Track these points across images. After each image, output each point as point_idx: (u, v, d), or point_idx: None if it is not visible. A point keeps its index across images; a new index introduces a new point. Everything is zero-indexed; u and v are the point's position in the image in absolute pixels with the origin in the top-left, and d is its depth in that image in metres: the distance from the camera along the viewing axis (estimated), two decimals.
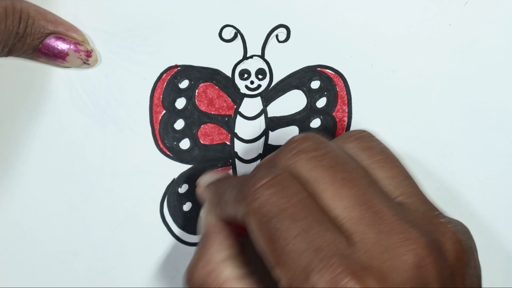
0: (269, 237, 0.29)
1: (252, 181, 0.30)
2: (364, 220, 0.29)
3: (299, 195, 0.30)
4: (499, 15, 0.39)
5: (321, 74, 0.40)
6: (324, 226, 0.29)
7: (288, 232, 0.29)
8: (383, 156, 0.33)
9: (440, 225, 0.31)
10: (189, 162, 0.40)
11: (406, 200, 0.32)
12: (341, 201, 0.30)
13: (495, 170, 0.41)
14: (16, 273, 0.40)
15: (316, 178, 0.30)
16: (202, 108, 0.40)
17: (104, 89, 0.40)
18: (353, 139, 0.33)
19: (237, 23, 0.39)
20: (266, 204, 0.29)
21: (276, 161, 0.32)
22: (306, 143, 0.31)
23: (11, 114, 0.40)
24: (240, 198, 0.31)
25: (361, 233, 0.29)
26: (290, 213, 0.29)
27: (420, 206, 0.32)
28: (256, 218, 0.29)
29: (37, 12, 0.37)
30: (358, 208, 0.29)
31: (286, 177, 0.30)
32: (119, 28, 0.39)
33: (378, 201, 0.30)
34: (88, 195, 0.40)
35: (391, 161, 0.33)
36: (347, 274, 0.27)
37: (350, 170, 0.31)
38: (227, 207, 0.33)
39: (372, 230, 0.29)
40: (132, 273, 0.41)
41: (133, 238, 0.40)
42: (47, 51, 0.37)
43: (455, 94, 0.40)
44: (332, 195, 0.30)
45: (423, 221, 0.31)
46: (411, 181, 0.33)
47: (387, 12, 0.39)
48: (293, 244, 0.28)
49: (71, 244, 0.40)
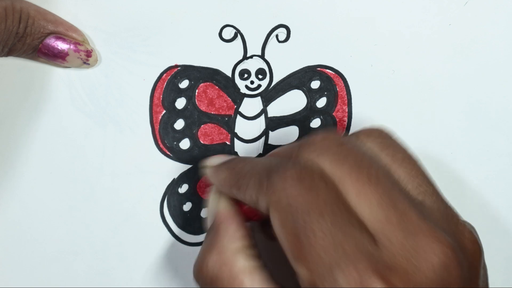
0: (295, 231, 0.28)
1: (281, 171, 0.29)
2: (390, 220, 0.29)
3: (327, 191, 0.29)
4: (499, 15, 0.39)
5: (321, 74, 0.40)
6: (352, 224, 0.28)
7: (316, 227, 0.28)
8: (405, 154, 0.32)
9: (459, 224, 0.31)
10: (189, 162, 0.40)
11: (427, 199, 0.31)
12: (367, 201, 0.29)
13: (495, 170, 0.41)
14: (16, 273, 0.40)
15: (341, 176, 0.30)
16: (202, 108, 0.40)
17: (104, 89, 0.40)
18: (376, 136, 0.33)
19: (237, 23, 0.39)
20: (295, 197, 0.29)
21: (299, 153, 0.31)
22: (330, 141, 0.31)
23: (11, 114, 0.40)
24: (266, 186, 0.30)
25: (387, 233, 0.29)
26: (318, 207, 0.28)
27: (441, 205, 0.31)
28: (283, 211, 0.29)
29: (37, 12, 0.37)
30: (384, 208, 0.29)
31: (315, 171, 0.30)
32: (119, 28, 0.39)
33: (403, 201, 0.29)
34: (88, 195, 0.40)
35: (412, 160, 0.32)
36: (373, 274, 0.27)
37: (375, 168, 0.30)
38: (248, 191, 0.32)
39: (398, 230, 0.29)
40: (132, 273, 0.41)
41: (133, 238, 0.40)
42: (47, 51, 0.37)
43: (455, 94, 0.40)
44: (357, 194, 0.29)
45: (444, 221, 0.30)
46: (431, 180, 0.32)
47: (387, 12, 0.39)
48: (321, 239, 0.28)
49: (71, 244, 0.40)
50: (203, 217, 0.40)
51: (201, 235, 0.40)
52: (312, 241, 0.28)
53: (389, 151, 0.32)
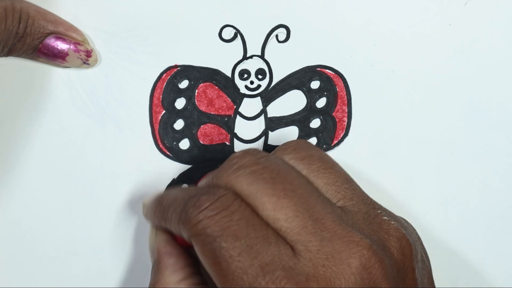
0: (214, 257, 0.29)
1: (196, 204, 0.31)
2: (307, 229, 0.30)
3: (241, 213, 0.30)
4: (499, 15, 0.39)
5: (321, 74, 0.40)
6: (267, 240, 0.29)
7: (232, 250, 0.29)
8: (321, 163, 0.33)
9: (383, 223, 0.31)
10: (189, 162, 0.40)
11: (347, 203, 0.32)
12: (283, 212, 0.30)
13: (495, 170, 0.41)
14: (16, 273, 0.40)
15: (257, 191, 0.31)
16: (202, 108, 0.40)
17: (104, 89, 0.40)
18: (291, 150, 0.34)
19: (237, 23, 0.39)
20: (209, 225, 0.30)
21: (218, 177, 0.32)
22: (246, 158, 0.32)
23: (11, 114, 0.40)
24: (184, 220, 0.31)
25: (305, 242, 0.29)
26: (232, 231, 0.29)
27: (362, 207, 0.32)
28: (200, 240, 0.30)
29: (37, 12, 0.37)
30: (300, 217, 0.30)
31: (229, 197, 0.31)
32: (119, 28, 0.39)
33: (320, 208, 0.30)
34: (88, 195, 0.40)
35: (329, 167, 0.33)
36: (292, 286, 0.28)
37: (290, 180, 0.31)
38: (171, 225, 0.33)
39: (314, 237, 0.29)
40: (132, 273, 0.41)
41: (133, 238, 0.40)
42: (47, 51, 0.37)
43: (455, 94, 0.40)
44: (274, 207, 0.30)
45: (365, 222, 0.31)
46: (350, 184, 0.33)
47: (387, 12, 0.39)
48: (238, 261, 0.29)
49: (71, 244, 0.40)
50: None
51: None
52: (231, 264, 0.29)
53: (307, 161, 0.33)
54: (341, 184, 0.33)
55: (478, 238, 0.41)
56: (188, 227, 0.31)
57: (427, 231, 0.40)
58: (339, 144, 0.40)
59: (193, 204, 0.31)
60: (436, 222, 0.41)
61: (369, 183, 0.40)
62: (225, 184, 0.32)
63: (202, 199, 0.31)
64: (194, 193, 0.32)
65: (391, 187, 0.40)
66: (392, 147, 0.40)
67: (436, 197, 0.41)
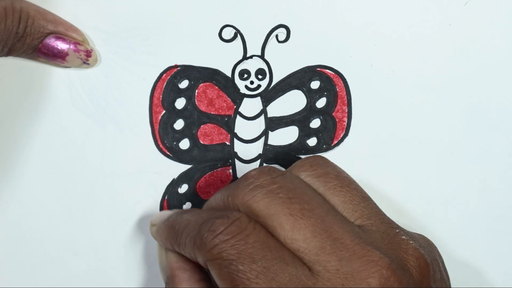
0: (232, 280, 0.29)
1: (211, 228, 0.30)
2: (325, 249, 0.29)
3: (256, 236, 0.30)
4: (499, 15, 0.39)
5: (321, 74, 0.40)
6: (284, 261, 0.29)
7: (249, 272, 0.29)
8: (338, 181, 0.33)
9: (401, 242, 0.31)
10: (189, 162, 0.40)
11: (365, 222, 0.32)
12: (301, 233, 0.30)
13: (495, 170, 0.41)
14: (16, 273, 0.40)
15: (274, 212, 0.30)
16: (202, 108, 0.40)
17: (104, 89, 0.40)
18: (308, 167, 0.34)
19: (237, 23, 0.39)
20: (225, 248, 0.30)
21: (234, 196, 0.32)
22: (263, 177, 0.32)
23: (11, 114, 0.40)
24: (199, 244, 0.31)
25: (323, 262, 0.29)
26: (248, 254, 0.29)
27: (380, 226, 0.32)
28: (217, 263, 0.30)
29: (36, 12, 0.37)
30: (318, 237, 0.30)
31: (243, 220, 0.31)
32: (119, 28, 0.39)
33: (338, 227, 0.30)
34: (88, 195, 0.40)
35: (346, 185, 0.33)
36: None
37: (307, 200, 0.31)
38: (186, 250, 0.33)
39: (333, 257, 0.29)
40: (132, 273, 0.41)
41: (133, 238, 0.40)
42: (47, 51, 0.37)
43: (455, 94, 0.40)
44: (291, 227, 0.30)
45: (384, 241, 0.31)
46: (368, 202, 0.33)
47: (387, 12, 0.39)
48: (256, 283, 0.29)
49: (71, 244, 0.40)
50: None
51: None
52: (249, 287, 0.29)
53: (321, 181, 0.33)
54: (358, 203, 0.32)
55: (478, 238, 0.41)
56: (204, 252, 0.30)
57: (427, 231, 0.40)
58: (339, 144, 0.40)
59: (208, 229, 0.31)
60: (436, 222, 0.41)
61: (369, 183, 0.40)
62: (241, 204, 0.31)
63: (216, 223, 0.31)
64: (208, 217, 0.31)
65: (391, 187, 0.40)
66: (392, 147, 0.40)
67: (436, 197, 0.41)
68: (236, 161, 0.40)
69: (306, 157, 0.35)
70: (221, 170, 0.40)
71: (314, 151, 0.40)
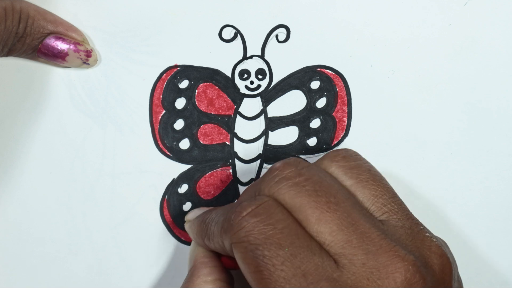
0: (256, 265, 0.29)
1: (238, 210, 0.30)
2: (351, 242, 0.29)
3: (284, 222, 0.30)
4: (499, 15, 0.39)
5: (321, 74, 0.40)
6: (311, 251, 0.29)
7: (275, 258, 0.29)
8: (370, 174, 0.33)
9: (425, 239, 0.31)
10: (188, 162, 0.40)
11: (392, 217, 0.32)
12: (327, 225, 0.30)
13: (495, 170, 0.40)
14: (16, 273, 0.40)
15: (301, 204, 0.30)
16: (202, 108, 0.40)
17: (104, 89, 0.40)
18: (340, 158, 0.33)
19: (237, 23, 0.39)
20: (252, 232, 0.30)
21: (259, 189, 0.32)
22: (288, 169, 0.32)
23: (11, 114, 0.40)
24: (226, 228, 0.31)
25: (349, 255, 0.29)
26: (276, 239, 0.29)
27: (406, 222, 0.32)
28: (242, 247, 0.30)
29: (36, 12, 0.37)
30: (344, 231, 0.30)
31: (271, 204, 0.30)
32: (119, 28, 0.39)
33: (364, 221, 0.30)
34: (88, 195, 0.40)
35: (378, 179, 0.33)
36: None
37: (334, 193, 0.31)
38: (214, 238, 0.33)
39: (359, 251, 0.29)
40: (132, 273, 0.41)
41: (133, 238, 0.40)
42: (47, 51, 0.37)
43: (455, 94, 0.40)
44: (317, 220, 0.30)
45: (408, 237, 0.31)
46: (396, 199, 0.33)
47: (387, 12, 0.39)
48: (281, 270, 0.29)
49: (71, 244, 0.40)
50: None
51: None
52: (274, 273, 0.29)
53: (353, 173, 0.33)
54: (388, 198, 0.32)
55: (478, 238, 0.41)
56: (230, 234, 0.30)
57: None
58: (339, 144, 0.40)
59: (235, 211, 0.31)
60: (436, 222, 0.41)
61: None
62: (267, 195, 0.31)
63: (243, 205, 0.31)
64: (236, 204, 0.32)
65: None
66: (392, 147, 0.40)
67: (436, 197, 0.41)
68: (236, 161, 0.40)
69: (338, 149, 0.35)
70: (221, 170, 0.40)
71: (314, 151, 0.40)
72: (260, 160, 0.40)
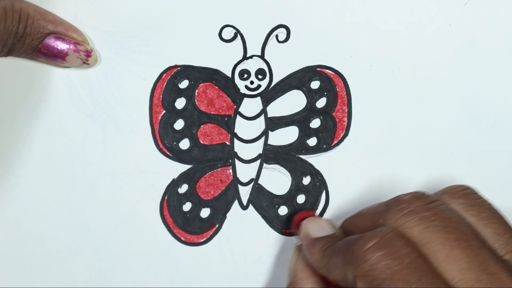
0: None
1: (361, 242, 0.30)
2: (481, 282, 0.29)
3: (410, 256, 0.29)
4: (499, 15, 0.39)
5: (321, 74, 0.40)
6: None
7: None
8: (491, 212, 0.33)
9: None
10: (188, 162, 0.40)
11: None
12: (456, 263, 0.29)
13: (495, 170, 0.40)
14: (16, 273, 0.40)
15: (429, 239, 0.30)
16: (202, 108, 0.40)
17: (104, 89, 0.40)
18: (460, 195, 0.33)
19: (237, 23, 0.39)
20: (377, 266, 0.29)
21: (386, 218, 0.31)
22: (417, 203, 0.31)
23: (11, 114, 0.40)
24: (350, 259, 0.30)
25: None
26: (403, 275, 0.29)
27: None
28: (368, 281, 0.29)
29: (36, 12, 0.37)
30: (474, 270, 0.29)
31: (396, 237, 0.30)
32: (119, 28, 0.39)
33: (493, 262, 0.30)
34: (88, 195, 0.40)
35: (499, 217, 0.33)
36: None
37: (463, 230, 0.30)
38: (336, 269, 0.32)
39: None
40: (132, 273, 0.41)
41: (133, 238, 0.40)
42: (47, 51, 0.37)
43: (455, 94, 0.40)
44: (446, 256, 0.29)
45: None
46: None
47: (387, 12, 0.39)
48: None
49: (71, 244, 0.40)
50: (202, 217, 0.40)
51: (200, 235, 0.40)
52: None
53: (475, 210, 0.32)
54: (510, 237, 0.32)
55: None
56: (354, 266, 0.30)
57: None
58: (339, 144, 0.40)
59: (358, 242, 0.30)
60: None
61: (369, 183, 0.40)
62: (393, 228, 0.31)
63: (366, 236, 0.30)
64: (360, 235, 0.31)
65: (391, 187, 0.40)
66: (392, 147, 0.40)
67: None
68: (236, 161, 0.40)
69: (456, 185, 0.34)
70: (221, 170, 0.40)
71: (314, 151, 0.40)
72: (260, 160, 0.40)
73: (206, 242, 0.40)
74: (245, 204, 0.40)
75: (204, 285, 0.41)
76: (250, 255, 0.40)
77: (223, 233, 0.40)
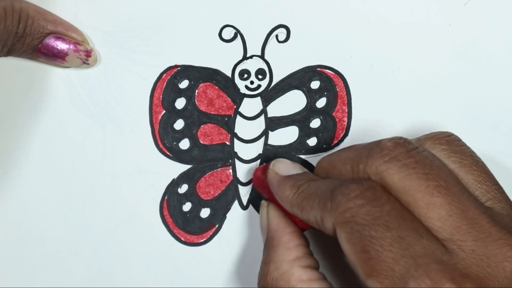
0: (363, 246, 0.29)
1: (345, 191, 0.30)
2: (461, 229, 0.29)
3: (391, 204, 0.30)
4: (499, 15, 0.39)
5: (321, 74, 0.40)
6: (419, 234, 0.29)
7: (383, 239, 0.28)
8: (473, 160, 0.33)
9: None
10: (188, 162, 0.40)
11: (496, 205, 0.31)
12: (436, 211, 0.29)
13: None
14: (16, 273, 0.40)
15: (410, 187, 0.30)
16: (202, 108, 0.40)
17: (104, 89, 0.40)
18: (443, 142, 0.33)
19: (237, 23, 0.39)
20: (359, 213, 0.29)
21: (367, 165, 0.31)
22: (399, 150, 0.31)
23: (11, 114, 0.40)
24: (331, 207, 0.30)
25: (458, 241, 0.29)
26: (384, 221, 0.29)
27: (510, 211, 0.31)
28: (348, 227, 0.29)
29: (36, 12, 0.37)
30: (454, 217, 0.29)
31: (378, 187, 0.30)
32: (119, 28, 0.39)
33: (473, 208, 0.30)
34: (88, 195, 0.40)
35: (481, 165, 0.33)
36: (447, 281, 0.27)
37: (444, 177, 0.30)
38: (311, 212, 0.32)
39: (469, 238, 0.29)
40: (132, 273, 0.41)
41: (133, 238, 0.40)
42: (47, 51, 0.37)
43: (455, 94, 0.40)
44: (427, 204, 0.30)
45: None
46: (498, 186, 0.32)
47: (387, 12, 0.39)
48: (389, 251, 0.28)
49: (71, 244, 0.40)
50: (202, 217, 0.40)
51: (200, 235, 0.40)
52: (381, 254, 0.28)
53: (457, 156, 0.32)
54: (491, 185, 0.32)
55: None
56: (335, 214, 0.30)
57: None
58: (339, 144, 0.40)
59: (342, 192, 0.30)
60: None
61: None
62: (374, 174, 0.31)
63: (351, 187, 0.30)
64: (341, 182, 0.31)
65: None
66: None
67: None
68: (236, 161, 0.40)
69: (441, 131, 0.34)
70: (221, 170, 0.40)
71: (314, 151, 0.40)
72: (260, 160, 0.40)
73: (206, 242, 0.40)
74: (245, 204, 0.40)
75: (204, 285, 0.41)
76: (250, 255, 0.41)
77: (223, 233, 0.40)
